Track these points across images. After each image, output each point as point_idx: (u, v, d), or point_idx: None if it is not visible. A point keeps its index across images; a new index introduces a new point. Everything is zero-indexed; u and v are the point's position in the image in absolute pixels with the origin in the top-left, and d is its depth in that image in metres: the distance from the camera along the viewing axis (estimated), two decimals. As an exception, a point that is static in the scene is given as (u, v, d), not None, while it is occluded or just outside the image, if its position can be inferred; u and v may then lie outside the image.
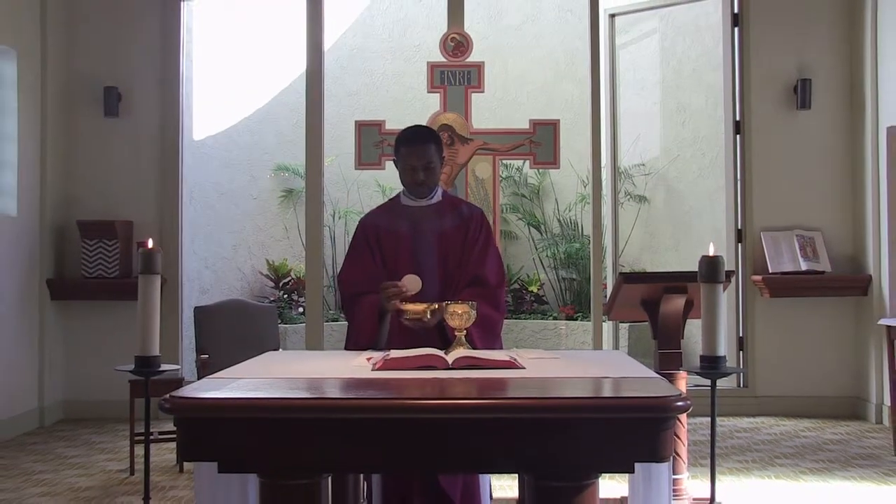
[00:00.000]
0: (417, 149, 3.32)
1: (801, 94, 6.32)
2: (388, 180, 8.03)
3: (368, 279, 3.29)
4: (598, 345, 6.40)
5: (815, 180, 6.39)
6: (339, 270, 3.49)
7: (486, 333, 3.18)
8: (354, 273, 3.37)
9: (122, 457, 5.08)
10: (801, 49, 6.39)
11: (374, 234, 3.38)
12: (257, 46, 8.18)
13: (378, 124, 6.22)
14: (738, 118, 6.50)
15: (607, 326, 6.89)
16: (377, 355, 2.81)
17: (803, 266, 6.21)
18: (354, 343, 3.29)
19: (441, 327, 3.08)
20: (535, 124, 6.25)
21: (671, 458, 2.18)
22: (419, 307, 3.00)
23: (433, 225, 3.35)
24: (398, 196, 3.46)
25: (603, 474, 2.18)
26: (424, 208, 3.37)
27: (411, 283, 3.14)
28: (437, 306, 2.99)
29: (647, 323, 3.83)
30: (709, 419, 3.00)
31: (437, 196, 3.41)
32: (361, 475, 3.24)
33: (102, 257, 6.14)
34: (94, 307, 6.26)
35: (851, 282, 6.22)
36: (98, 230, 6.14)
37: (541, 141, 6.22)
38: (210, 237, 7.81)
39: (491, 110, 8.20)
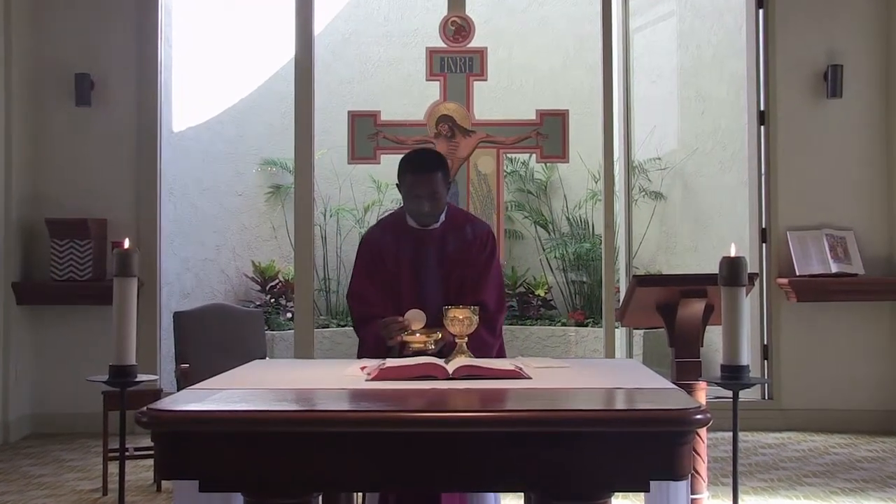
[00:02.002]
0: (423, 178, 3.40)
1: (832, 81, 6.32)
2: (383, 175, 8.03)
3: (378, 295, 3.43)
4: (610, 353, 6.40)
5: (846, 175, 6.40)
6: (348, 287, 3.63)
7: (479, 356, 3.21)
8: (364, 290, 3.49)
9: (94, 475, 5.08)
10: (832, 32, 6.39)
11: (378, 253, 3.50)
12: (243, 31, 8.19)
13: (373, 115, 6.22)
14: (762, 108, 6.51)
15: (620, 333, 6.89)
16: (372, 364, 2.82)
17: (833, 268, 6.21)
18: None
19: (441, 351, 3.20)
20: (543, 115, 6.25)
21: (689, 475, 2.18)
22: (420, 339, 3.14)
23: (436, 250, 3.47)
24: (403, 212, 3.56)
25: (616, 493, 2.19)
26: (429, 231, 3.49)
27: (414, 318, 3.26)
28: (439, 335, 3.13)
29: (663, 329, 3.83)
30: (730, 434, 3.00)
31: (442, 216, 3.51)
32: (354, 493, 3.25)
33: (74, 258, 6.14)
34: (65, 312, 6.25)
35: (886, 285, 6.22)
36: (69, 229, 6.14)
37: (548, 133, 6.22)
38: (191, 237, 7.81)
39: (494, 100, 8.19)
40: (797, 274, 6.26)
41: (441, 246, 3.47)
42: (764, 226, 6.49)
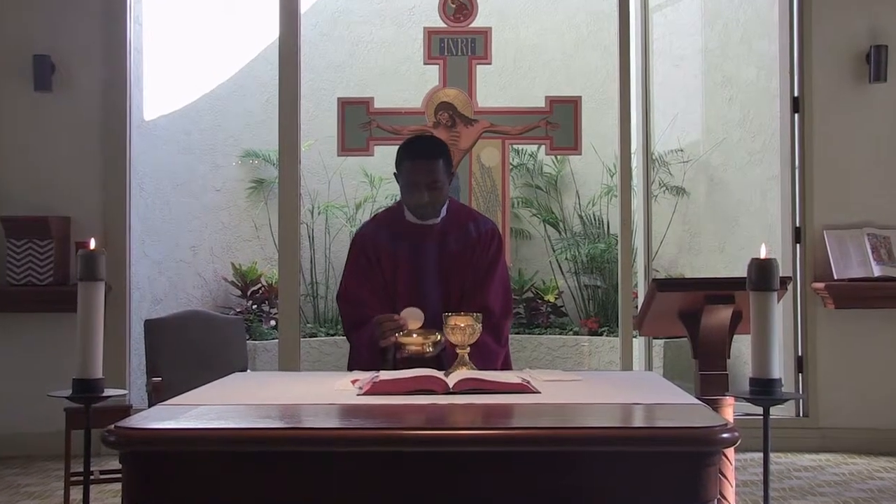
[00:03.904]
0: (423, 165, 3.45)
1: (875, 63, 6.31)
2: (376, 169, 8.04)
3: (372, 297, 3.46)
4: (627, 365, 6.41)
5: (890, 168, 6.39)
6: (338, 289, 3.65)
7: (483, 365, 3.22)
8: (357, 291, 3.53)
9: (54, 502, 5.07)
10: (875, 9, 6.39)
11: (374, 251, 3.54)
12: (221, 9, 8.19)
13: (365, 102, 6.24)
14: (796, 93, 6.51)
15: (638, 343, 6.90)
16: (364, 377, 2.82)
17: (876, 271, 6.21)
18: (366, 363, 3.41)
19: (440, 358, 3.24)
20: (553, 102, 6.26)
21: (715, 501, 2.19)
22: (417, 340, 3.16)
23: (436, 247, 3.52)
24: (401, 207, 3.61)
25: (633, 520, 2.19)
26: (429, 226, 3.53)
27: (411, 316, 3.26)
28: (438, 337, 3.16)
29: (685, 339, 3.84)
30: (761, 455, 3.00)
31: (443, 211, 3.57)
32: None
33: (33, 260, 6.14)
34: (23, 320, 6.25)
35: (933, 290, 6.22)
36: (27, 228, 6.14)
37: (559, 122, 6.24)
38: (164, 237, 7.82)
39: (499, 85, 8.20)
40: (835, 278, 6.26)
41: (442, 243, 3.50)
42: (798, 224, 6.49)
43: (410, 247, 3.51)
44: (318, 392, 2.72)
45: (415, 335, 3.18)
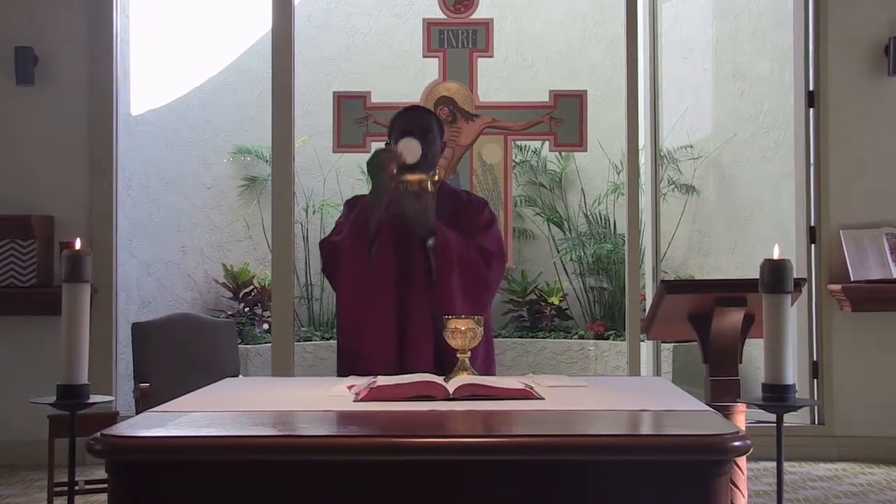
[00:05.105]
0: (415, 115, 3.62)
1: (894, 55, 6.32)
2: (373, 166, 8.05)
3: None
4: (634, 370, 6.41)
5: (907, 165, 6.41)
6: (321, 239, 3.72)
7: (468, 282, 3.36)
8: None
9: (40, 512, 5.08)
10: None
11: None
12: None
13: (362, 96, 6.24)
14: (811, 87, 6.51)
15: (646, 347, 6.90)
16: (361, 383, 2.83)
17: (895, 273, 6.22)
18: (350, 283, 3.46)
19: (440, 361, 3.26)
20: (557, 96, 6.26)
21: (727, 511, 2.19)
22: (417, 177, 3.26)
23: None
24: None
25: (641, 531, 2.19)
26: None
27: (408, 147, 3.33)
28: (437, 175, 3.28)
29: (695, 343, 3.84)
30: (774, 464, 3.00)
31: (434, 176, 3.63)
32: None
33: (15, 261, 6.14)
34: (4, 323, 6.25)
35: (953, 292, 6.22)
36: (9, 227, 6.15)
37: (563, 117, 6.24)
38: (152, 236, 7.82)
39: (501, 79, 8.20)
40: (852, 279, 6.26)
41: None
42: (813, 223, 6.49)
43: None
44: (312, 398, 2.72)
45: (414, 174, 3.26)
